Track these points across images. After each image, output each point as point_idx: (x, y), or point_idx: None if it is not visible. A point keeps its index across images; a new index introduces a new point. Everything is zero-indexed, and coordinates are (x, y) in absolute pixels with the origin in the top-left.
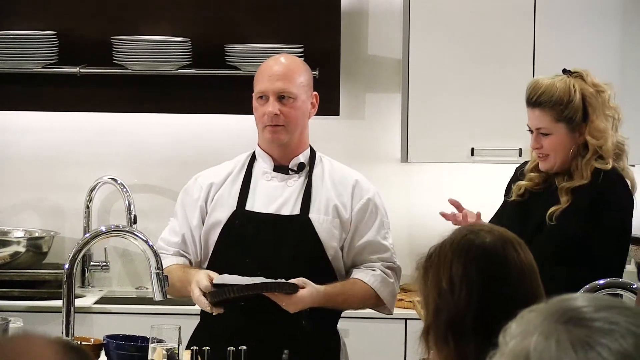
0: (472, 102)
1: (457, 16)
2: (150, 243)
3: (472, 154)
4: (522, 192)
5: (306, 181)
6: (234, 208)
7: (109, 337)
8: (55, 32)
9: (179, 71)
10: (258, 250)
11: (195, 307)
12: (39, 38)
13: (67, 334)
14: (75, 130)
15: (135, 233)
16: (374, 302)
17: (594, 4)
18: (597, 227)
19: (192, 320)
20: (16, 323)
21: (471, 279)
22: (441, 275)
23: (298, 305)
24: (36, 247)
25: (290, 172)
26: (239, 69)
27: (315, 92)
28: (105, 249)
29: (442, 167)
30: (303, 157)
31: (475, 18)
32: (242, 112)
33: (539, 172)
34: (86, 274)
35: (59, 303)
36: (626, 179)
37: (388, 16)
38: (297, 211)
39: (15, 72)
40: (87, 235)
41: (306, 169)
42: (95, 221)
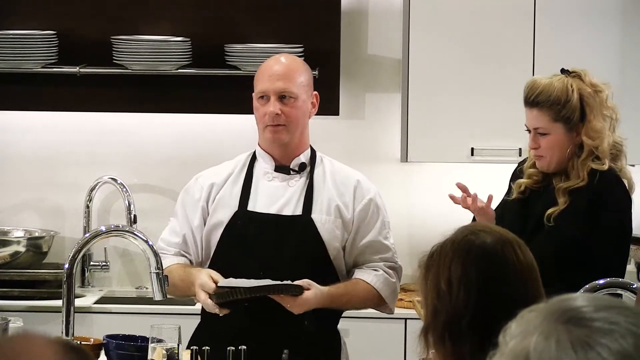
0: (472, 102)
1: (457, 16)
2: (150, 243)
3: (472, 154)
4: (523, 190)
5: (307, 181)
6: (236, 208)
7: (109, 337)
8: (55, 32)
9: (179, 71)
10: (260, 250)
11: (195, 307)
12: (38, 38)
13: (67, 334)
14: (75, 130)
15: (135, 233)
16: (376, 302)
17: (594, 4)
18: (596, 229)
19: (192, 320)
20: (16, 323)
21: (470, 281)
22: (440, 276)
23: (303, 307)
24: (36, 247)
25: (291, 172)
26: (239, 69)
27: (316, 92)
28: (105, 248)
29: (442, 167)
30: (304, 157)
31: (475, 18)
32: (242, 112)
33: (538, 168)
34: (86, 274)
35: (59, 303)
36: (623, 179)
37: (388, 16)
38: (299, 211)
39: (15, 72)
40: (87, 235)
41: (307, 169)
42: (95, 221)
